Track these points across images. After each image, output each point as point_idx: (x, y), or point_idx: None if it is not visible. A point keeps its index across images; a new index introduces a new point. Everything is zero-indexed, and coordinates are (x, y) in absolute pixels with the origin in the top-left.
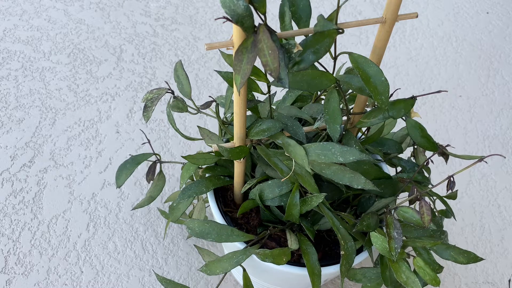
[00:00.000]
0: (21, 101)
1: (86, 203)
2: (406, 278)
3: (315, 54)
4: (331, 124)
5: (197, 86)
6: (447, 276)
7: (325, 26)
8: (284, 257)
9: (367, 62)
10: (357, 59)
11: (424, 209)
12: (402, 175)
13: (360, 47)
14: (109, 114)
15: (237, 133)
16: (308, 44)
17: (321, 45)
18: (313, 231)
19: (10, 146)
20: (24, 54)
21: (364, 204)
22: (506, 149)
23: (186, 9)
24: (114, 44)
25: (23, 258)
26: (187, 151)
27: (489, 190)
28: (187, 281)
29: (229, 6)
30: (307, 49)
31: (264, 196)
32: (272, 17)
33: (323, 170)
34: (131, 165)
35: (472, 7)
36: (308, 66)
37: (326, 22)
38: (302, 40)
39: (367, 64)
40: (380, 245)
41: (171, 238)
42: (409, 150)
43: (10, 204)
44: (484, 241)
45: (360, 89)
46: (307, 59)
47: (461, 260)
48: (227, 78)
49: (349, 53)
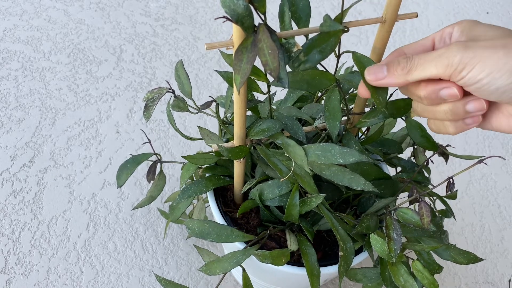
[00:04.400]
0: (21, 101)
1: (86, 203)
2: (404, 281)
3: (321, 54)
4: (331, 120)
5: (197, 86)
6: (447, 276)
7: (331, 27)
8: (283, 258)
9: (369, 62)
10: (360, 59)
11: (424, 211)
12: (402, 175)
13: (360, 47)
14: (109, 114)
15: (237, 132)
16: (313, 44)
17: (327, 45)
18: (312, 232)
19: (10, 146)
20: (24, 54)
21: (364, 204)
22: (506, 149)
23: (186, 9)
24: (114, 44)
25: (23, 258)
26: (187, 151)
27: (489, 190)
28: (187, 281)
29: (229, 5)
30: (313, 48)
31: (264, 196)
32: (272, 17)
33: (323, 171)
34: (131, 165)
35: (472, 7)
36: (314, 65)
37: (333, 22)
38: (308, 40)
39: (370, 64)
40: (379, 247)
41: (171, 238)
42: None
43: (10, 204)
44: (484, 241)
45: None
46: (312, 58)
47: (460, 260)
48: (227, 78)
49: (352, 52)
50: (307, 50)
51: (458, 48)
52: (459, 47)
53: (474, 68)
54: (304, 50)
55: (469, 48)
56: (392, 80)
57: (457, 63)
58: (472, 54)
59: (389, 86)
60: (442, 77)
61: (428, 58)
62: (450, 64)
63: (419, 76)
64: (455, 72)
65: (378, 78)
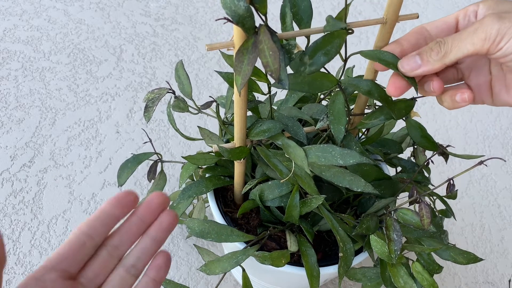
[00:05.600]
0: (21, 101)
1: (86, 203)
2: (404, 283)
3: (326, 56)
4: (336, 125)
5: (197, 86)
6: (447, 276)
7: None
8: (283, 259)
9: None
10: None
11: (424, 212)
12: (402, 175)
13: (361, 47)
14: (109, 114)
15: (238, 133)
16: (318, 46)
17: (332, 46)
18: (312, 233)
19: (10, 146)
20: (24, 54)
21: (364, 205)
22: (506, 149)
23: (186, 9)
24: (114, 44)
25: (23, 258)
26: (187, 151)
27: (489, 190)
28: (187, 281)
29: (230, 6)
30: (318, 51)
31: (264, 197)
32: (273, 17)
33: (323, 172)
34: (132, 164)
35: None
36: (320, 68)
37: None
38: (313, 42)
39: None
40: (379, 249)
41: (171, 238)
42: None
43: (10, 204)
44: (484, 241)
45: (369, 92)
46: (317, 61)
47: (460, 260)
48: (228, 79)
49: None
50: (312, 52)
51: (493, 20)
52: (494, 19)
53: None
54: (309, 53)
55: (505, 19)
56: (428, 67)
57: (495, 35)
58: (509, 24)
59: (426, 73)
60: (479, 52)
61: (462, 37)
62: (488, 37)
63: (455, 56)
64: (493, 44)
65: (413, 68)
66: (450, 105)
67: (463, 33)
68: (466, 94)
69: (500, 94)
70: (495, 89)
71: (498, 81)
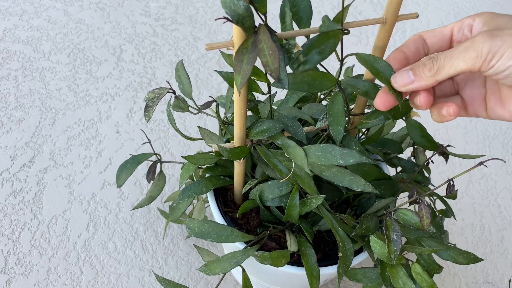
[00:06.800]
0: (21, 101)
1: (86, 203)
2: (403, 284)
3: (320, 55)
4: (335, 126)
5: (197, 86)
6: (447, 276)
7: (330, 27)
8: (283, 259)
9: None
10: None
11: (424, 212)
12: (402, 175)
13: (360, 47)
14: (109, 114)
15: (237, 133)
16: (313, 44)
17: (326, 46)
18: (312, 233)
19: (10, 146)
20: (24, 54)
21: (364, 205)
22: (506, 149)
23: (186, 9)
24: (114, 44)
25: (23, 258)
26: (187, 151)
27: (489, 190)
28: (187, 281)
29: (229, 6)
30: (312, 49)
31: (264, 197)
32: (272, 17)
33: (323, 172)
34: (131, 165)
35: (472, 7)
36: (313, 66)
37: (331, 23)
38: (307, 40)
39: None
40: (379, 250)
41: (171, 238)
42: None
43: (10, 204)
44: (484, 241)
45: (366, 93)
46: (312, 59)
47: (460, 260)
48: (228, 78)
49: (356, 54)
50: (306, 50)
51: (484, 39)
52: (485, 37)
53: (503, 56)
54: (303, 51)
55: (496, 37)
56: (421, 83)
57: (486, 53)
58: (500, 43)
59: (419, 89)
60: (472, 69)
61: (454, 54)
62: (479, 56)
63: (448, 74)
64: (484, 62)
65: (406, 84)
66: (438, 119)
67: (455, 50)
68: (451, 108)
69: (495, 108)
70: (489, 103)
71: (493, 94)
